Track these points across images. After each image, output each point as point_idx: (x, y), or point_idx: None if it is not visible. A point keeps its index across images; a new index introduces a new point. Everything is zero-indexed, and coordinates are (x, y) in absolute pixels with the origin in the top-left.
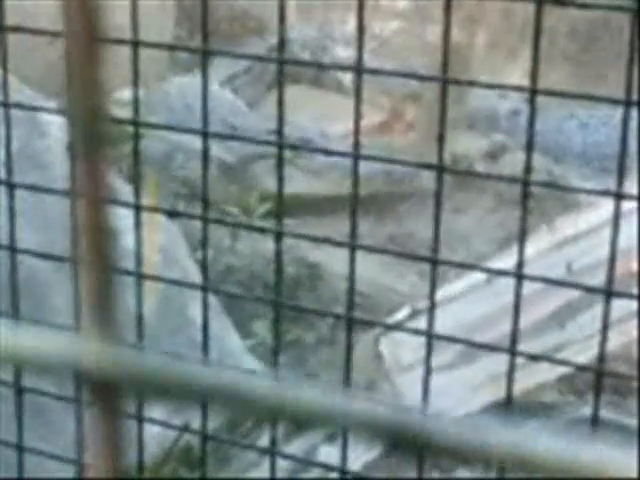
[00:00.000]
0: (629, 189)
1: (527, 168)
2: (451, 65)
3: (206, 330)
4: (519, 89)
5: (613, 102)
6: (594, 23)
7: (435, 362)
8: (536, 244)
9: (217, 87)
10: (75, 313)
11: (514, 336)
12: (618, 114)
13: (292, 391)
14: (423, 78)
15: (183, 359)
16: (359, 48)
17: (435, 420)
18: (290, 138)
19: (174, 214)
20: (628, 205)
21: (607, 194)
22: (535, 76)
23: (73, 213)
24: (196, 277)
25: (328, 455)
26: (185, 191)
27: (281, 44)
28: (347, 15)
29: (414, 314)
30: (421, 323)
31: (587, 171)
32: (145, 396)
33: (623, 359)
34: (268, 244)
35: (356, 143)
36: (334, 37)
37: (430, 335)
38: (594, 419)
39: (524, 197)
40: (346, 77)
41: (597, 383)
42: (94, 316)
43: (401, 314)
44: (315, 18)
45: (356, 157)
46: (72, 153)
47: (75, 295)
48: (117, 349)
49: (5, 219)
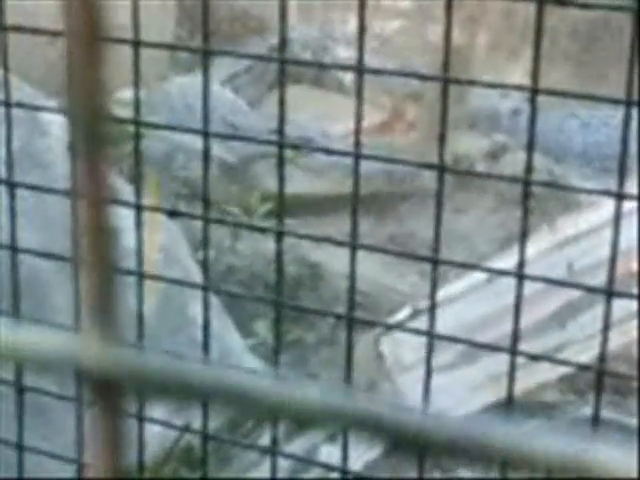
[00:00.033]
0: (630, 189)
1: (528, 168)
2: (452, 65)
3: (207, 330)
4: (520, 89)
5: (614, 102)
6: (595, 23)
7: (436, 362)
8: (537, 244)
9: (218, 87)
10: (76, 312)
11: (515, 336)
12: (619, 114)
13: (293, 391)
14: (424, 78)
15: (184, 358)
16: (360, 48)
17: (436, 420)
18: (291, 138)
19: (175, 214)
20: (629, 205)
21: (608, 194)
22: (536, 76)
23: (74, 213)
24: (197, 277)
25: (329, 455)
26: (186, 191)
27: (282, 44)
28: (348, 15)
29: (415, 314)
30: (422, 323)
31: (588, 171)
32: (146, 396)
33: (623, 359)
34: (269, 244)
35: (357, 143)
36: (335, 37)
37: (431, 335)
38: (595, 419)
39: (525, 197)
40: (347, 77)
41: (598, 383)
42: (95, 315)
43: (402, 314)
44: (316, 18)
45: (357, 157)
46: (73, 152)
47: (76, 295)
48: (118, 348)
49: (6, 218)
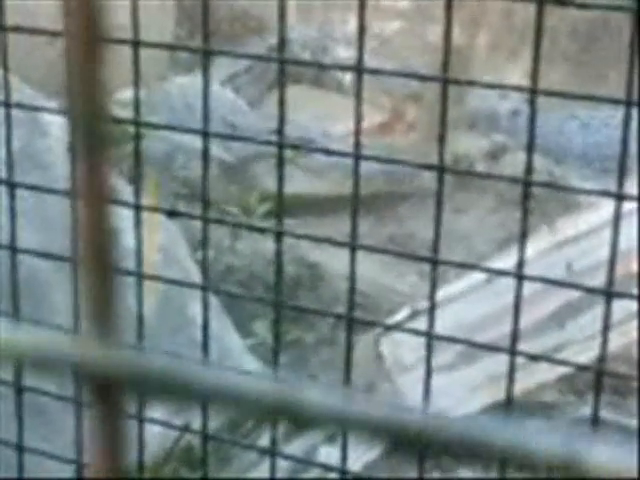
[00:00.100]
0: (629, 190)
1: (528, 168)
2: (452, 65)
3: (206, 330)
4: (519, 89)
5: (614, 102)
6: (594, 23)
7: (435, 362)
8: (536, 244)
9: (218, 87)
10: (75, 313)
11: (514, 336)
12: (619, 115)
13: (292, 391)
14: (424, 78)
15: (183, 359)
16: (360, 48)
17: (435, 420)
18: (291, 138)
19: (174, 214)
20: (628, 206)
21: (608, 195)
22: (536, 76)
23: (74, 213)
24: (196, 277)
25: (328, 455)
26: (185, 191)
27: (282, 44)
28: (347, 15)
29: (414, 314)
30: (421, 323)
31: (588, 172)
32: (145, 396)
33: (623, 359)
34: (268, 244)
35: (357, 143)
36: (334, 37)
37: (430, 335)
38: (594, 419)
39: (525, 197)
40: (347, 77)
41: (597, 383)
42: (94, 316)
43: (401, 314)
44: (315, 18)
45: (357, 157)
46: (73, 153)
47: (75, 295)
48: (117, 349)
49: (6, 219)
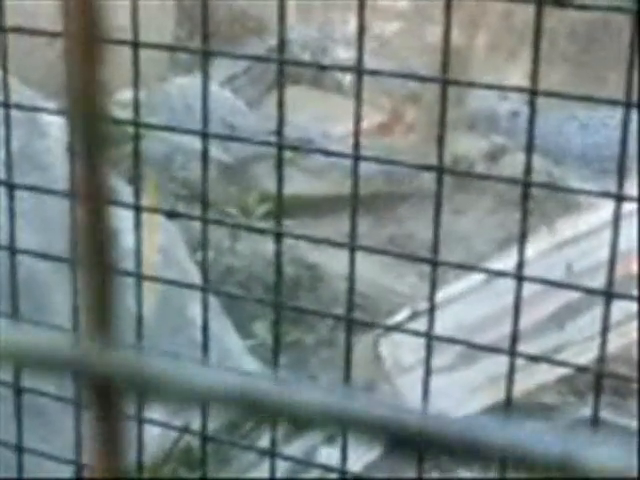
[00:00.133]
0: (629, 190)
1: (527, 169)
2: (451, 66)
3: (206, 331)
4: (519, 90)
5: (613, 103)
6: (594, 24)
7: (435, 363)
8: (536, 245)
9: (217, 88)
10: (74, 314)
11: (514, 337)
12: (618, 115)
13: (292, 392)
14: (423, 79)
15: (183, 359)
16: (359, 49)
17: (435, 420)
18: (290, 139)
19: (174, 215)
20: (628, 207)
21: (607, 196)
22: (535, 77)
23: (73, 214)
24: (196, 278)
25: (328, 456)
26: (185, 192)
27: (281, 45)
28: (347, 15)
29: (414, 315)
30: (421, 324)
31: (587, 172)
32: (145, 397)
33: (623, 360)
34: (268, 245)
35: (356, 144)
36: (334, 38)
37: (430, 336)
38: (594, 420)
39: (524, 198)
40: (346, 78)
41: (597, 384)
42: (93, 317)
43: (401, 315)
44: (315, 18)
45: (356, 158)
46: (72, 154)
47: (74, 296)
48: (117, 350)
49: (5, 220)
